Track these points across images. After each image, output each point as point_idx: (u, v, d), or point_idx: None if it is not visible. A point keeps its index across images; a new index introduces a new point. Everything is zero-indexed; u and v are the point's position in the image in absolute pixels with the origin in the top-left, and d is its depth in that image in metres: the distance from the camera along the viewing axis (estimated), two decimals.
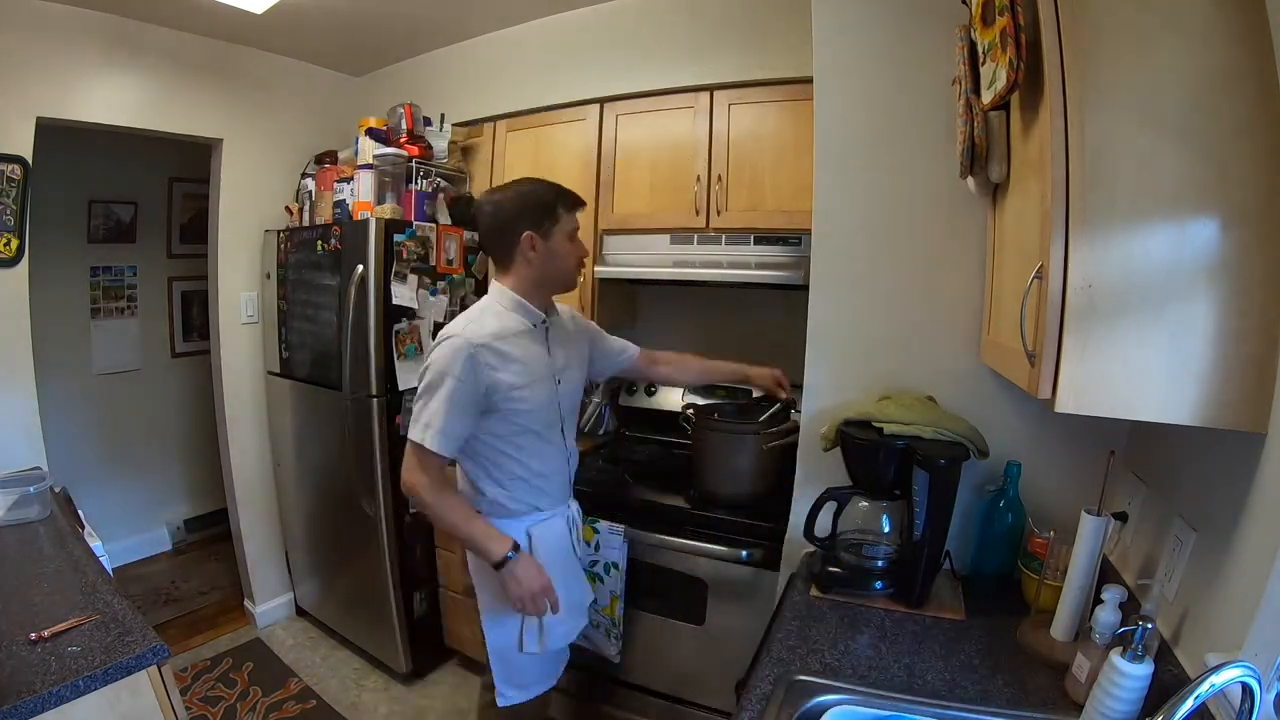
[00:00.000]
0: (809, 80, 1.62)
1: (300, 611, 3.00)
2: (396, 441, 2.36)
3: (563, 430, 1.60)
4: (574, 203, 1.55)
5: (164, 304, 3.63)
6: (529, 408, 1.47)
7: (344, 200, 2.46)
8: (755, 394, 2.28)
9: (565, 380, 1.56)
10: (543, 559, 1.51)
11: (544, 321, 1.54)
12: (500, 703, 1.59)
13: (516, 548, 1.45)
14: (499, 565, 1.43)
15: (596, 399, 2.62)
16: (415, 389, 2.34)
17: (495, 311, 1.50)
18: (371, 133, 2.44)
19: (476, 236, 2.58)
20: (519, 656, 1.57)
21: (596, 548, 1.95)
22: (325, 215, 2.56)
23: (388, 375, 2.32)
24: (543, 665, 1.63)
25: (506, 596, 1.47)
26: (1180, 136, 0.84)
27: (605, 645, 2.01)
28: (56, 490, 1.93)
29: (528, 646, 1.55)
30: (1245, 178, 0.82)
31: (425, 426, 1.39)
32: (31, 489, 1.71)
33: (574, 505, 1.70)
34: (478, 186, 2.65)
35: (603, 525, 1.94)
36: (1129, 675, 0.85)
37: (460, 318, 1.49)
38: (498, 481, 1.52)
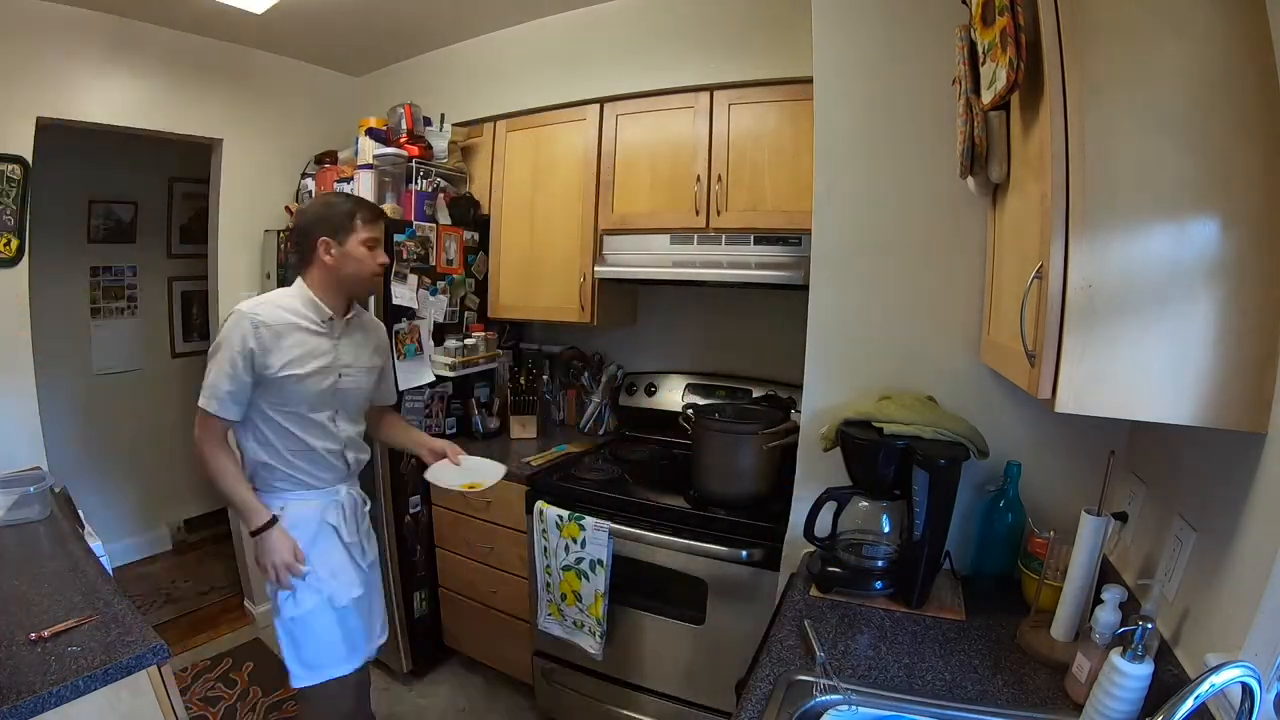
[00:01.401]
0: (809, 80, 1.62)
1: None
2: None
3: (335, 419, 1.66)
4: (372, 215, 1.66)
5: (164, 304, 3.63)
6: (298, 389, 1.57)
7: None
8: (756, 394, 2.30)
9: (347, 377, 1.66)
10: (296, 535, 1.60)
11: (330, 319, 1.64)
12: (292, 683, 1.69)
13: (274, 520, 1.57)
14: (255, 533, 1.56)
15: (597, 399, 2.63)
16: (417, 389, 2.39)
17: (286, 301, 1.61)
18: (371, 133, 2.44)
19: (477, 237, 2.59)
20: (305, 632, 1.66)
21: (582, 545, 1.96)
22: None
23: None
24: (333, 647, 1.69)
25: (258, 560, 1.60)
26: (1180, 136, 0.84)
27: (589, 644, 2.02)
28: (56, 490, 1.93)
29: (283, 611, 1.65)
30: (1245, 178, 0.82)
31: (206, 391, 1.52)
32: (31, 489, 1.71)
33: (348, 492, 1.74)
34: (478, 186, 2.66)
35: (588, 522, 1.94)
36: (1129, 675, 0.85)
37: (256, 297, 1.63)
38: (264, 453, 1.60)
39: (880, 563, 1.42)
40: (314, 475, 1.65)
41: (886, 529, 1.43)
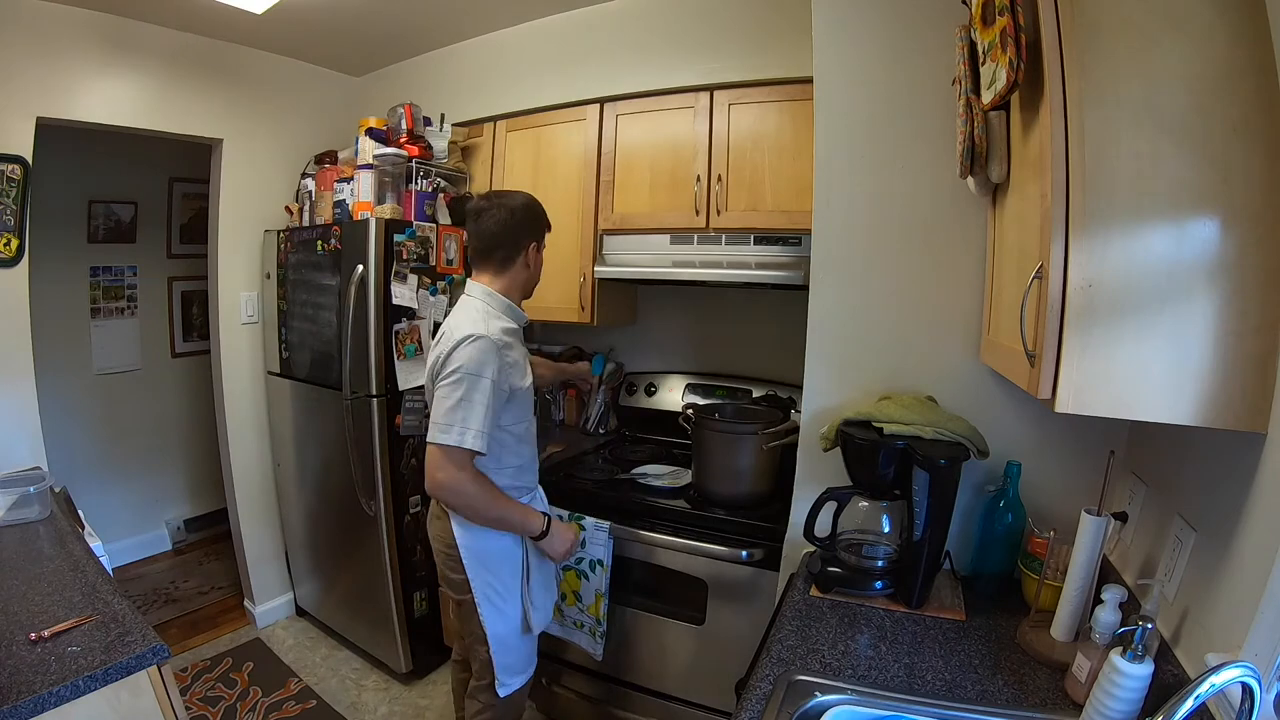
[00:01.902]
0: (809, 80, 1.62)
1: (300, 611, 3.00)
2: (396, 441, 2.36)
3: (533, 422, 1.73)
4: (549, 225, 1.72)
5: (164, 304, 3.63)
6: (529, 401, 1.62)
7: (344, 200, 2.46)
8: (756, 394, 2.30)
9: (532, 375, 1.68)
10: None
11: (527, 323, 1.70)
12: (503, 692, 1.68)
13: (548, 518, 1.65)
14: (541, 535, 1.63)
15: (597, 398, 2.63)
16: (417, 389, 2.38)
17: (495, 313, 1.59)
18: (371, 133, 2.44)
19: None
20: (518, 641, 1.69)
21: (583, 545, 1.96)
22: (325, 215, 2.56)
23: (388, 375, 2.32)
24: (532, 647, 1.77)
25: (550, 556, 1.67)
26: (1180, 136, 0.84)
27: (588, 644, 2.02)
28: (56, 490, 1.93)
29: (535, 624, 1.70)
30: (1245, 178, 0.82)
31: (465, 428, 1.45)
32: (31, 489, 1.71)
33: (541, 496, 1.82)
34: (478, 186, 2.65)
35: (589, 522, 1.95)
36: (1129, 675, 0.85)
37: (466, 319, 1.55)
38: (506, 469, 1.62)
39: (880, 563, 1.42)
40: (531, 484, 1.72)
41: (886, 529, 1.43)
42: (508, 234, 1.61)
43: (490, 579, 1.63)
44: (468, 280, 1.67)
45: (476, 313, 1.56)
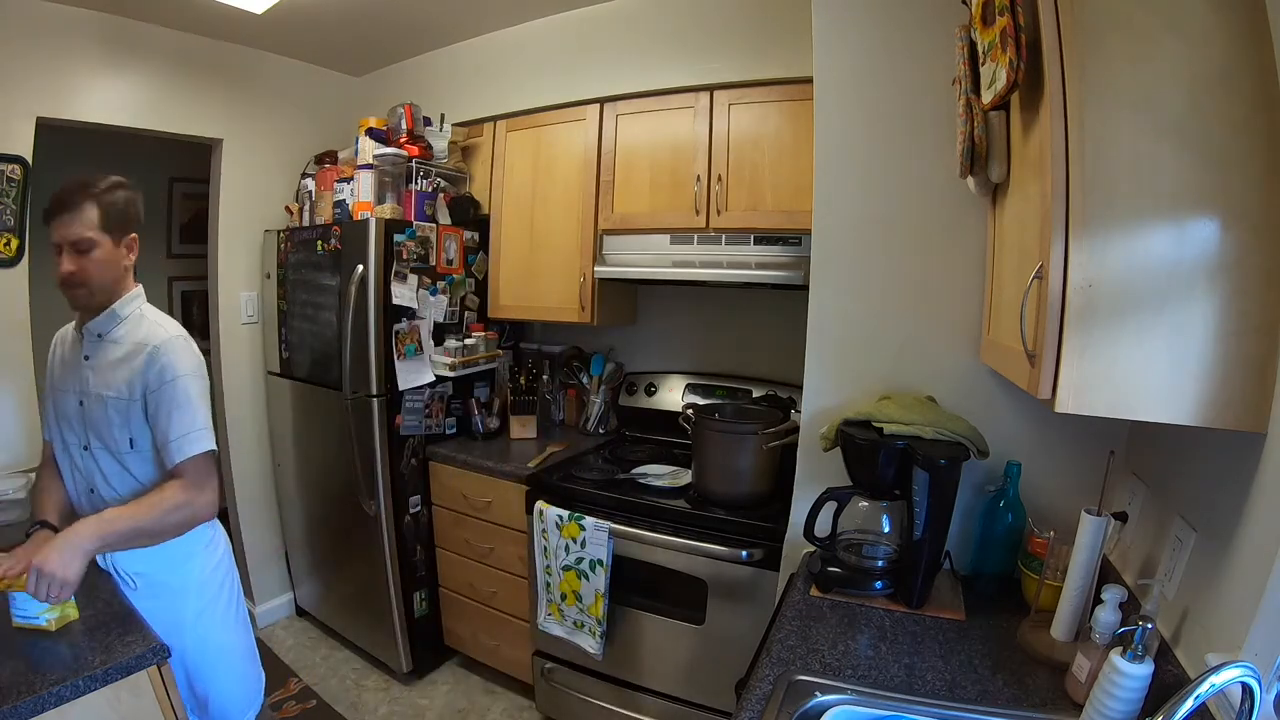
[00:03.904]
0: (809, 80, 1.62)
1: (300, 611, 3.00)
2: (396, 441, 2.36)
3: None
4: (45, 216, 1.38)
5: (164, 304, 3.62)
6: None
7: (344, 200, 2.46)
8: (756, 394, 2.30)
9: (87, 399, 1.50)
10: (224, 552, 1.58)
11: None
12: None
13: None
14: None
15: (597, 399, 2.63)
16: (417, 389, 2.39)
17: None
18: (371, 133, 2.44)
19: (477, 237, 2.59)
20: None
21: (582, 545, 1.96)
22: (325, 215, 2.56)
23: (388, 375, 2.32)
24: None
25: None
26: (1180, 136, 0.84)
27: (589, 644, 2.02)
28: None
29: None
30: (1245, 178, 0.82)
31: (206, 430, 1.38)
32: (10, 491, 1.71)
33: None
34: (478, 186, 2.66)
35: (588, 522, 1.94)
36: (1129, 675, 0.85)
37: (159, 319, 1.47)
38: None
39: (880, 563, 1.42)
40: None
41: (886, 529, 1.43)
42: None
43: None
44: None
45: (157, 314, 1.51)
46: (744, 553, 1.77)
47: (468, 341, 2.51)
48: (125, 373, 1.37)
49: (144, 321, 1.43)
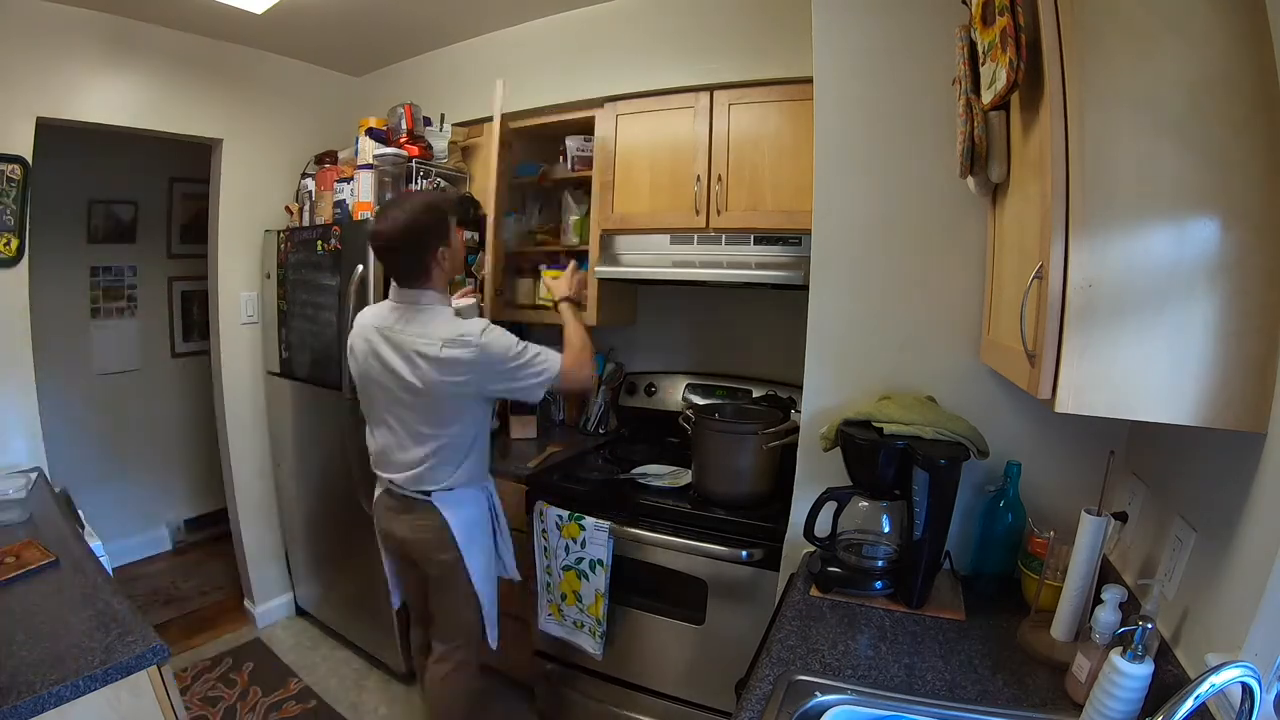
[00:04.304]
0: (809, 80, 1.62)
1: (300, 611, 3.00)
2: None
3: None
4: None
5: (164, 304, 3.63)
6: None
7: (344, 200, 2.46)
8: (756, 394, 2.30)
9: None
10: (494, 502, 1.90)
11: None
12: (495, 643, 1.89)
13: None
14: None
15: (597, 399, 2.63)
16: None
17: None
18: (371, 133, 2.44)
19: (476, 237, 2.59)
20: (495, 595, 1.88)
21: (582, 545, 1.96)
22: (325, 215, 2.56)
23: None
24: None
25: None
26: (1180, 136, 0.84)
27: (589, 644, 2.02)
28: (57, 490, 1.93)
29: (511, 572, 1.95)
30: (1245, 178, 0.82)
31: (544, 358, 1.72)
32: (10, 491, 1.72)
33: None
34: (478, 187, 2.65)
35: (588, 522, 1.94)
36: (1129, 675, 0.85)
37: (461, 319, 1.74)
38: (482, 453, 1.83)
39: (880, 563, 1.42)
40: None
41: (886, 529, 1.43)
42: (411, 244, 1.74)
43: (476, 549, 1.79)
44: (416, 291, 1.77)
45: (453, 314, 1.76)
46: (744, 553, 1.77)
47: None
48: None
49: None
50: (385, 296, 2.26)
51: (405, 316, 1.73)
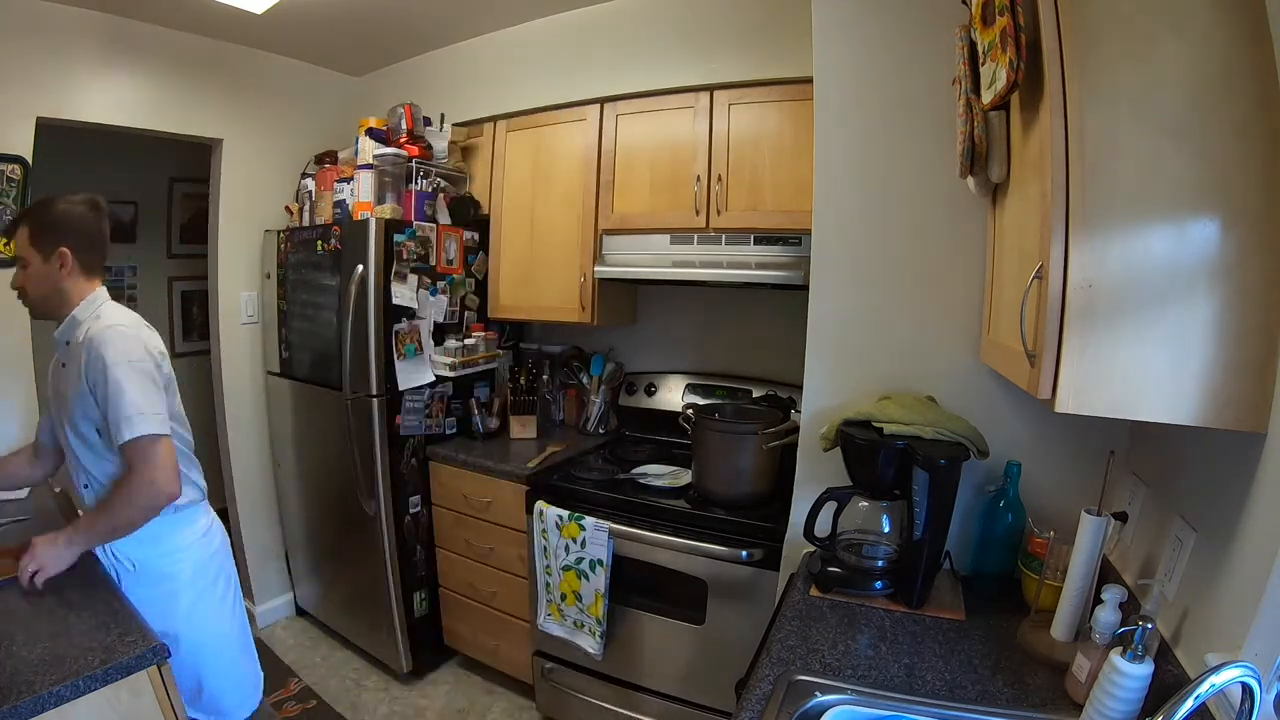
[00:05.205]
0: (809, 80, 1.62)
1: (300, 611, 3.00)
2: (396, 441, 2.36)
3: None
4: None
5: (164, 304, 3.63)
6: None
7: (344, 200, 2.46)
8: (756, 394, 2.30)
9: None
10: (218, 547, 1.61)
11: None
12: None
13: None
14: None
15: (597, 399, 2.63)
16: (417, 389, 2.38)
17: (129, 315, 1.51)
18: (371, 133, 2.44)
19: (477, 237, 2.59)
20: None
21: (582, 545, 1.96)
22: (325, 215, 2.56)
23: (388, 375, 2.32)
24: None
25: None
26: (1180, 136, 0.84)
27: (589, 644, 2.02)
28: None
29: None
30: (1245, 178, 0.82)
31: (139, 415, 1.35)
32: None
33: None
34: (478, 187, 2.66)
35: (588, 522, 1.94)
36: (1129, 675, 0.85)
37: (110, 314, 1.46)
38: (188, 466, 1.54)
39: (880, 563, 1.42)
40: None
41: (886, 529, 1.43)
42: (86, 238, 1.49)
43: None
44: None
45: (112, 311, 1.49)
46: (744, 553, 1.77)
47: (468, 342, 2.51)
48: (75, 368, 1.43)
49: (97, 320, 1.46)
50: (385, 296, 2.28)
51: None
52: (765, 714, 1.00)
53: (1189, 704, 0.67)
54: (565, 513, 1.99)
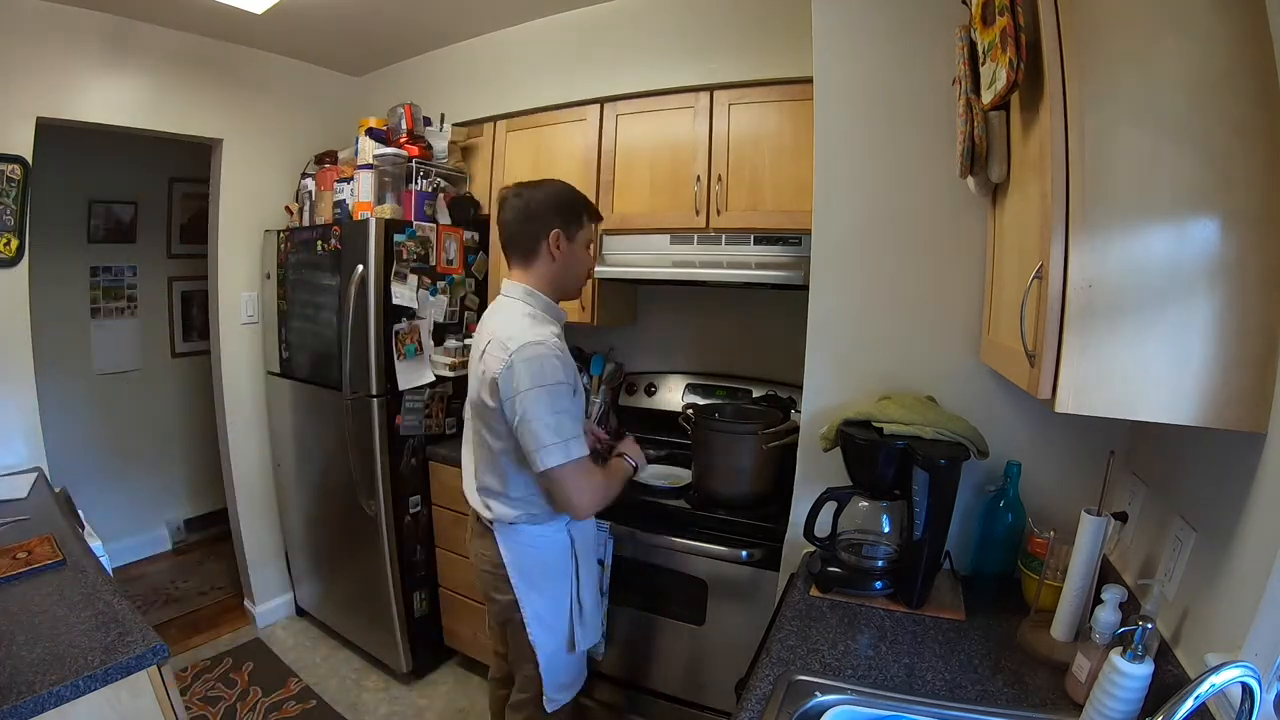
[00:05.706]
0: (809, 80, 1.62)
1: (300, 611, 3.00)
2: (396, 441, 2.36)
3: None
4: (596, 214, 1.62)
5: (164, 304, 3.63)
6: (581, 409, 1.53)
7: (344, 200, 2.46)
8: (756, 394, 2.30)
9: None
10: (579, 548, 1.62)
11: (565, 321, 1.61)
12: (551, 708, 1.64)
13: (624, 458, 1.68)
14: (635, 472, 1.68)
15: (597, 399, 2.63)
16: (417, 389, 2.38)
17: (540, 316, 1.52)
18: (371, 133, 2.44)
19: (476, 237, 2.59)
20: (565, 658, 1.63)
21: None
22: (325, 215, 2.56)
23: (388, 375, 2.32)
24: (582, 661, 1.71)
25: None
26: (1180, 136, 0.84)
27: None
28: (57, 490, 1.93)
29: (580, 643, 1.64)
30: (1245, 178, 0.82)
31: (567, 442, 1.40)
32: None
33: None
34: (478, 186, 2.65)
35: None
36: (1129, 675, 0.85)
37: (515, 324, 1.46)
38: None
39: (880, 563, 1.42)
40: None
41: (886, 529, 1.43)
42: (521, 223, 1.52)
43: (538, 598, 1.57)
44: (504, 280, 1.59)
45: (522, 315, 1.49)
46: (744, 553, 1.77)
47: (468, 342, 2.51)
48: None
49: None
50: (385, 296, 2.28)
51: (494, 305, 1.58)
52: (765, 714, 1.00)
53: (1189, 704, 0.67)
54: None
